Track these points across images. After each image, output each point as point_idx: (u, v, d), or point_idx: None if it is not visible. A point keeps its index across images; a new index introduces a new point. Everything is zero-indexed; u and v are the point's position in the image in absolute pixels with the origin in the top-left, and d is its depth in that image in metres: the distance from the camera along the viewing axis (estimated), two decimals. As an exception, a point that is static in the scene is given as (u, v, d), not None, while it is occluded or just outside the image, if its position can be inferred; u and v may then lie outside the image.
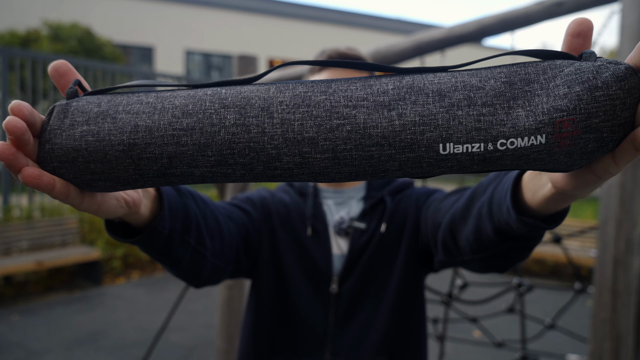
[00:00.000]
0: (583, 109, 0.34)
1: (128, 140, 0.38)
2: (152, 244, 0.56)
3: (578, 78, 0.35)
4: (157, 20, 17.00)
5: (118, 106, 0.40)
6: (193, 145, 0.38)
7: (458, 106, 0.36)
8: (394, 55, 1.78)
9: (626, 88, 0.34)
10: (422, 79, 0.38)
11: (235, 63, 2.26)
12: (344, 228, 0.90)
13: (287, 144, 0.37)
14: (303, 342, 0.87)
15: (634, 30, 1.38)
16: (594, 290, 1.46)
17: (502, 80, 0.37)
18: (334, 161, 0.38)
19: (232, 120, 0.38)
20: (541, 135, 0.35)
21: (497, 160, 0.37)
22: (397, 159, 0.37)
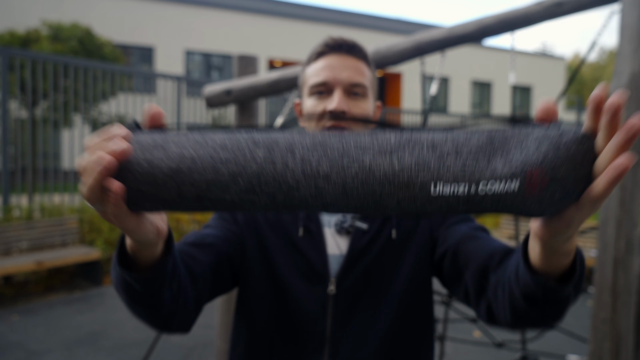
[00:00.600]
0: (549, 162, 0.43)
1: (175, 167, 0.46)
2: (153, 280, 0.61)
3: (546, 139, 0.44)
4: (157, 20, 17.00)
5: (168, 140, 0.48)
6: (228, 174, 0.46)
7: (447, 155, 0.45)
8: (394, 55, 1.78)
9: (583, 149, 0.43)
10: (418, 134, 0.47)
11: (235, 63, 2.26)
12: (345, 227, 0.89)
13: (305, 177, 0.46)
14: (301, 344, 0.85)
15: (634, 30, 1.38)
16: (594, 291, 1.46)
17: (485, 138, 0.46)
18: (343, 194, 0.46)
19: (262, 156, 0.46)
20: (515, 182, 0.43)
21: (479, 202, 0.44)
22: (395, 196, 0.45)
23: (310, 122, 0.91)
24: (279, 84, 1.98)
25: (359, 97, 0.89)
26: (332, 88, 0.88)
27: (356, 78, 0.89)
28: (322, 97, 0.89)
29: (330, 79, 0.88)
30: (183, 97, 7.34)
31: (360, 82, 0.89)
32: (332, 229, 0.90)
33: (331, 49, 0.90)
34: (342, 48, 0.90)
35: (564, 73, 25.42)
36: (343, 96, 0.87)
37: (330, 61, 0.89)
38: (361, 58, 0.91)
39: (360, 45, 0.92)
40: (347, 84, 0.88)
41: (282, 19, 18.91)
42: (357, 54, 0.91)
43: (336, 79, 0.88)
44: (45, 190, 9.01)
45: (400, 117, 12.47)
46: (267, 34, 18.50)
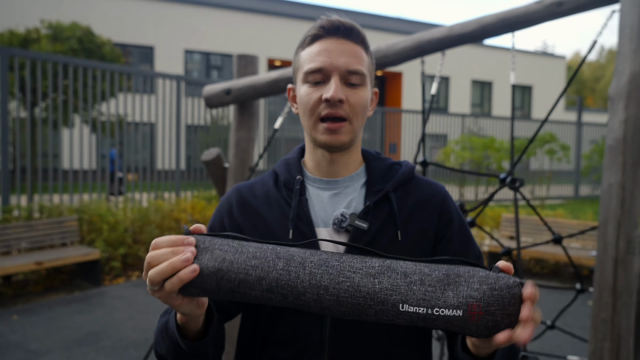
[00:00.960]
0: (485, 299, 0.59)
1: (218, 267, 0.64)
2: (205, 344, 0.76)
3: (486, 280, 0.60)
4: (156, 20, 16.99)
5: (214, 245, 0.66)
6: (255, 277, 0.63)
7: (414, 283, 0.61)
8: (394, 54, 1.78)
9: (512, 293, 0.59)
10: (396, 263, 0.64)
11: (234, 63, 2.26)
12: (344, 227, 0.84)
13: (311, 286, 0.62)
14: (300, 348, 0.83)
15: (634, 30, 1.37)
16: (594, 291, 1.46)
17: (443, 273, 0.62)
18: (337, 302, 0.62)
19: (281, 266, 0.63)
20: (459, 311, 0.59)
21: (434, 321, 0.61)
22: (373, 308, 0.61)
23: (305, 112, 0.86)
24: (278, 84, 1.98)
25: (356, 85, 0.84)
26: (329, 75, 0.83)
27: (354, 65, 0.83)
28: (318, 85, 0.84)
29: (326, 65, 0.82)
30: (182, 96, 7.33)
31: (358, 69, 0.83)
32: (329, 228, 0.86)
33: (327, 32, 0.84)
34: (339, 31, 0.84)
35: (564, 72, 25.41)
36: (340, 84, 0.82)
37: (326, 45, 0.84)
38: (359, 42, 0.86)
39: (358, 27, 0.86)
40: (344, 70, 0.82)
41: (281, 19, 18.89)
42: (355, 38, 0.85)
43: (333, 65, 0.82)
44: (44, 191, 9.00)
45: (400, 116, 12.46)
46: (266, 33, 18.49)
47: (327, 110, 0.82)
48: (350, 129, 0.85)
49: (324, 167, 0.90)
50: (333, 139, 0.84)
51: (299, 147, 0.98)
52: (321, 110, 0.83)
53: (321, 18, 0.86)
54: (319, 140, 0.85)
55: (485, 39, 1.68)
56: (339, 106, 0.82)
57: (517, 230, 1.75)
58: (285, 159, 0.96)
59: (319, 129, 0.84)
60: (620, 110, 1.39)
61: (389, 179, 0.90)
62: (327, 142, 0.84)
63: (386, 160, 0.95)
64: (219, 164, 2.27)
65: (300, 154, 0.97)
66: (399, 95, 21.44)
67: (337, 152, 0.88)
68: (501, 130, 13.34)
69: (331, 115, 0.83)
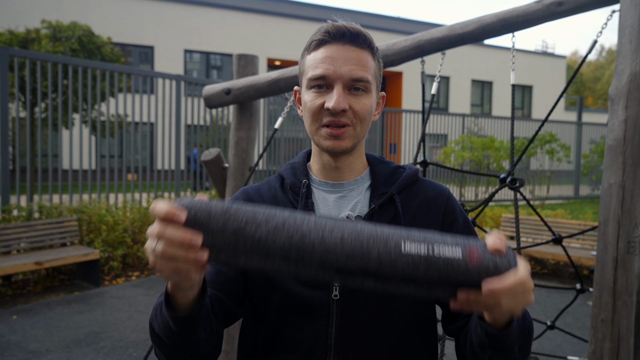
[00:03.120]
0: (481, 246, 0.63)
1: (226, 207, 0.63)
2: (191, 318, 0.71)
3: (479, 240, 0.65)
4: (156, 19, 16.98)
5: (222, 201, 0.65)
6: (263, 217, 0.64)
7: (412, 230, 0.65)
8: (394, 54, 1.77)
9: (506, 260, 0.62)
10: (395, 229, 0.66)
11: (234, 62, 2.26)
12: None
13: (316, 227, 0.63)
14: (306, 351, 0.83)
15: (634, 30, 1.37)
16: (594, 291, 1.46)
17: (439, 233, 0.65)
18: (341, 243, 0.62)
19: (287, 214, 0.65)
20: (459, 250, 0.61)
21: (435, 263, 0.61)
22: (376, 248, 0.61)
23: (308, 117, 0.86)
24: (278, 84, 1.98)
25: (360, 92, 0.83)
26: (332, 83, 0.82)
27: (358, 73, 0.82)
28: (321, 92, 0.83)
29: (329, 73, 0.82)
30: (182, 96, 7.33)
31: (362, 76, 0.82)
32: None
33: (333, 37, 0.83)
34: (344, 37, 0.83)
35: (564, 72, 25.41)
36: (343, 92, 0.82)
37: (331, 52, 0.83)
38: (365, 47, 0.85)
39: (364, 32, 0.85)
40: (348, 79, 0.82)
41: (281, 19, 18.89)
42: (361, 44, 0.84)
43: (336, 73, 0.81)
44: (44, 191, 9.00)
45: (400, 116, 12.46)
46: (266, 33, 18.49)
47: (328, 118, 0.83)
48: (354, 134, 0.85)
49: (329, 171, 0.91)
50: (335, 144, 0.84)
51: (305, 152, 0.99)
52: (324, 117, 0.84)
53: (327, 22, 0.85)
54: (322, 145, 0.86)
55: (485, 39, 1.67)
56: (342, 115, 0.83)
57: (517, 230, 1.75)
58: (291, 163, 0.97)
59: (322, 134, 0.85)
60: (620, 110, 1.38)
61: (394, 181, 0.91)
62: (329, 148, 0.85)
63: (390, 164, 0.95)
64: (218, 164, 2.27)
65: (306, 158, 0.97)
66: (399, 95, 21.44)
67: (340, 156, 0.88)
68: (501, 130, 13.34)
69: (333, 124, 0.83)
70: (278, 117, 9.40)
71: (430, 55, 1.78)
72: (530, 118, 14.88)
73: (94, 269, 4.93)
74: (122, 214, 5.85)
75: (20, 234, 4.77)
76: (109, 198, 6.38)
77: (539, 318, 4.10)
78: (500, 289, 0.60)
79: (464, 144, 10.52)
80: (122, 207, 6.04)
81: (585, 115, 25.63)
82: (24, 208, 5.16)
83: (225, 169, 2.28)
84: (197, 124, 7.69)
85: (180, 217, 0.60)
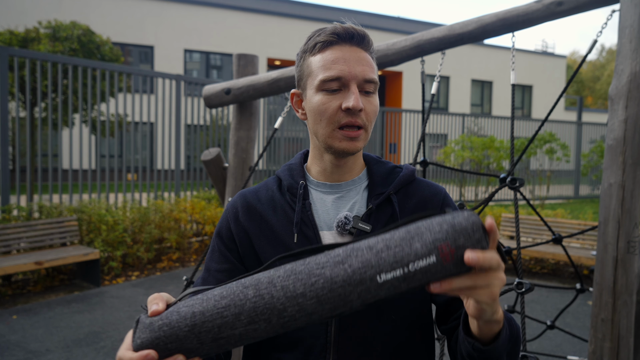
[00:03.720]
0: (451, 236, 0.59)
1: (191, 323, 0.61)
2: None
3: (444, 221, 0.61)
4: (156, 19, 16.98)
5: (179, 305, 0.63)
6: (231, 315, 0.61)
7: (381, 251, 0.60)
8: (394, 53, 1.77)
9: (471, 221, 0.60)
10: (359, 243, 0.63)
11: (234, 62, 2.26)
12: (347, 229, 0.86)
13: (288, 299, 0.60)
14: (305, 349, 0.83)
15: (634, 29, 1.37)
16: (594, 291, 1.46)
17: (403, 231, 0.62)
18: (319, 303, 0.60)
19: (252, 294, 0.61)
20: (432, 256, 0.59)
21: (414, 276, 0.60)
22: (355, 292, 0.60)
23: (321, 120, 0.85)
24: (278, 83, 1.98)
25: (370, 94, 0.85)
26: (347, 84, 0.82)
27: (370, 74, 0.84)
28: (335, 93, 0.83)
29: (344, 73, 0.82)
30: (182, 96, 7.33)
31: (373, 78, 0.84)
32: (333, 231, 0.87)
33: (341, 38, 0.83)
34: (353, 38, 0.84)
35: (564, 72, 25.40)
36: (358, 93, 0.82)
37: (342, 53, 0.83)
38: (369, 51, 0.86)
39: (369, 35, 0.87)
40: (362, 79, 0.83)
41: (281, 19, 18.88)
42: (366, 46, 0.85)
43: (351, 73, 0.82)
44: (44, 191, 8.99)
45: (400, 116, 12.46)
46: (266, 33, 18.48)
47: (347, 119, 0.83)
48: (366, 136, 0.87)
49: (329, 172, 0.91)
50: (351, 145, 0.85)
51: (302, 153, 0.99)
52: (340, 119, 0.83)
53: (333, 25, 0.85)
54: (336, 147, 0.85)
55: (485, 38, 1.67)
56: (358, 115, 0.83)
57: (517, 230, 1.75)
58: (289, 165, 0.97)
59: (337, 136, 0.85)
60: (620, 110, 1.38)
61: (391, 181, 0.92)
62: (345, 149, 0.85)
63: (387, 164, 0.96)
64: (218, 163, 2.27)
65: (303, 160, 0.98)
66: (399, 95, 21.44)
67: (346, 157, 0.89)
68: (501, 130, 13.34)
69: (350, 124, 0.83)
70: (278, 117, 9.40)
71: (430, 55, 1.78)
72: (530, 118, 14.87)
73: (93, 268, 4.93)
74: (122, 213, 5.85)
75: (20, 233, 4.77)
76: (109, 198, 6.38)
77: (539, 318, 4.10)
78: (477, 258, 0.58)
79: (464, 143, 10.52)
80: (122, 207, 6.04)
81: (585, 115, 25.63)
82: (24, 208, 5.16)
83: (225, 169, 2.28)
84: (197, 123, 7.69)
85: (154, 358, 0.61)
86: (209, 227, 6.39)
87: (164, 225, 6.02)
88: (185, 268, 5.85)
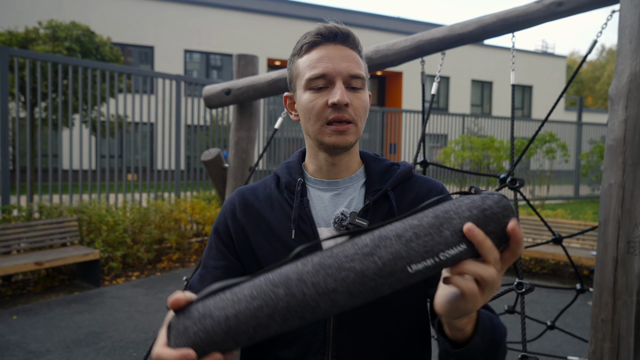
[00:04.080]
0: (481, 222, 0.58)
1: (226, 327, 0.60)
2: None
3: (473, 205, 0.60)
4: (156, 20, 16.98)
5: (210, 307, 0.62)
6: (265, 316, 0.60)
7: (410, 240, 0.59)
8: (394, 54, 1.77)
9: (502, 205, 0.59)
10: (384, 229, 0.61)
11: (234, 63, 2.26)
12: (345, 225, 0.87)
13: (320, 296, 0.60)
14: (304, 346, 0.84)
15: (634, 30, 1.37)
16: (594, 291, 1.46)
17: (431, 216, 0.60)
18: (351, 297, 0.60)
19: (283, 293, 0.60)
20: (463, 244, 0.58)
21: (444, 264, 0.59)
22: (386, 283, 0.60)
23: (310, 118, 0.87)
24: (278, 84, 1.98)
25: (358, 89, 0.86)
26: (332, 80, 0.84)
27: (355, 69, 0.85)
28: (322, 91, 0.85)
29: (329, 70, 0.84)
30: (182, 96, 7.33)
31: (359, 73, 0.86)
32: (330, 227, 0.88)
33: (325, 38, 0.86)
34: (337, 37, 0.86)
35: (564, 72, 25.40)
36: (344, 88, 0.84)
37: (326, 52, 0.85)
38: (355, 48, 0.88)
39: (354, 33, 0.88)
40: (347, 75, 0.84)
41: (281, 19, 18.89)
42: (351, 44, 0.87)
43: (336, 70, 0.84)
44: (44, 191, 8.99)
45: (400, 116, 12.46)
46: (266, 33, 18.48)
47: (333, 114, 0.84)
48: (356, 130, 0.87)
49: (325, 170, 0.92)
50: (340, 139, 0.86)
51: (300, 151, 1.01)
52: (328, 115, 0.85)
53: (317, 26, 0.87)
54: (326, 142, 0.87)
55: (485, 39, 1.67)
56: (345, 110, 0.84)
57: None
58: (287, 163, 0.99)
59: (326, 132, 0.86)
60: (620, 110, 1.38)
61: (388, 178, 0.93)
62: (334, 144, 0.86)
63: (384, 161, 0.97)
64: (218, 164, 2.27)
65: (301, 158, 0.99)
66: (399, 95, 21.44)
67: (340, 153, 0.90)
68: (501, 130, 13.34)
69: (338, 119, 0.85)
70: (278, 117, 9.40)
71: (430, 55, 1.78)
72: (530, 118, 14.88)
73: (94, 269, 4.93)
74: (122, 214, 5.85)
75: (20, 234, 4.77)
76: (109, 198, 6.38)
77: (539, 318, 4.10)
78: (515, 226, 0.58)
79: (464, 143, 10.52)
80: (122, 207, 6.04)
81: (585, 115, 25.63)
82: (24, 208, 5.16)
83: (225, 169, 2.28)
84: (197, 124, 7.69)
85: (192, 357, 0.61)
86: (209, 227, 6.39)
87: (164, 226, 6.02)
88: (186, 268, 5.85)
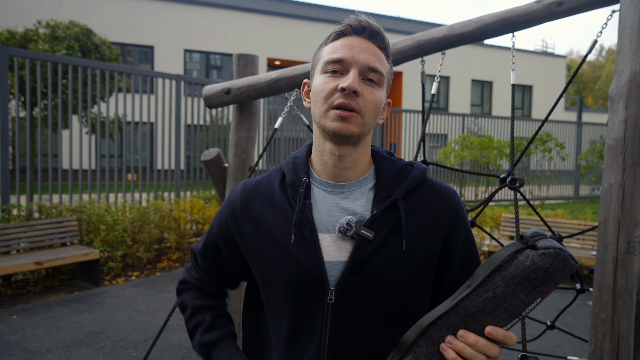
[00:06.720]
0: (548, 280, 0.72)
1: None
2: None
3: (536, 267, 0.71)
4: (156, 19, 16.97)
5: None
6: None
7: (493, 311, 0.74)
8: (394, 54, 1.77)
9: (560, 259, 0.71)
10: (467, 305, 0.75)
11: (234, 62, 2.26)
12: (349, 235, 0.83)
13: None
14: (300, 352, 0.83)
15: (634, 30, 1.37)
16: (594, 291, 1.46)
17: (502, 286, 0.73)
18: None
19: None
20: (537, 299, 0.73)
21: (526, 315, 0.74)
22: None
23: (318, 100, 0.84)
24: (278, 83, 1.98)
25: (373, 84, 0.83)
26: (348, 67, 0.82)
27: (374, 63, 0.83)
28: (336, 76, 0.83)
29: (347, 57, 0.82)
30: (182, 96, 7.33)
31: (377, 67, 0.83)
32: (333, 234, 0.84)
33: (354, 30, 0.85)
34: (365, 31, 0.85)
35: (564, 72, 25.39)
36: (358, 77, 0.81)
37: (350, 41, 0.84)
38: (382, 47, 0.86)
39: (384, 33, 0.86)
40: (365, 66, 0.82)
41: (281, 19, 18.88)
42: (379, 42, 0.85)
43: (354, 58, 0.82)
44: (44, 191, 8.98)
45: (400, 116, 12.46)
46: (266, 33, 18.48)
47: (341, 99, 0.81)
48: (361, 122, 0.82)
49: (330, 166, 0.87)
50: (342, 126, 0.81)
51: (308, 144, 0.96)
52: (335, 99, 0.81)
53: (349, 17, 0.86)
54: (328, 127, 0.82)
55: (485, 39, 1.67)
56: (353, 97, 0.81)
57: (517, 230, 1.75)
58: (294, 156, 0.94)
59: (330, 115, 0.82)
60: (620, 110, 1.38)
61: (399, 183, 0.87)
62: (336, 130, 0.81)
63: (397, 162, 0.91)
64: (218, 163, 2.27)
65: (309, 152, 0.94)
66: (399, 95, 21.43)
67: (344, 144, 0.84)
68: (501, 130, 13.34)
69: (344, 105, 0.81)
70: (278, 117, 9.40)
71: (430, 55, 1.78)
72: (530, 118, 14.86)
73: (93, 268, 4.93)
74: (122, 214, 5.84)
75: (20, 233, 4.76)
76: (109, 198, 6.38)
77: (539, 318, 4.10)
78: None
79: (464, 143, 10.52)
80: (122, 207, 6.04)
81: (585, 115, 25.62)
82: (23, 208, 5.16)
83: (225, 169, 2.28)
84: (197, 123, 7.69)
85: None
86: (208, 227, 6.38)
87: (164, 225, 6.02)
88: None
